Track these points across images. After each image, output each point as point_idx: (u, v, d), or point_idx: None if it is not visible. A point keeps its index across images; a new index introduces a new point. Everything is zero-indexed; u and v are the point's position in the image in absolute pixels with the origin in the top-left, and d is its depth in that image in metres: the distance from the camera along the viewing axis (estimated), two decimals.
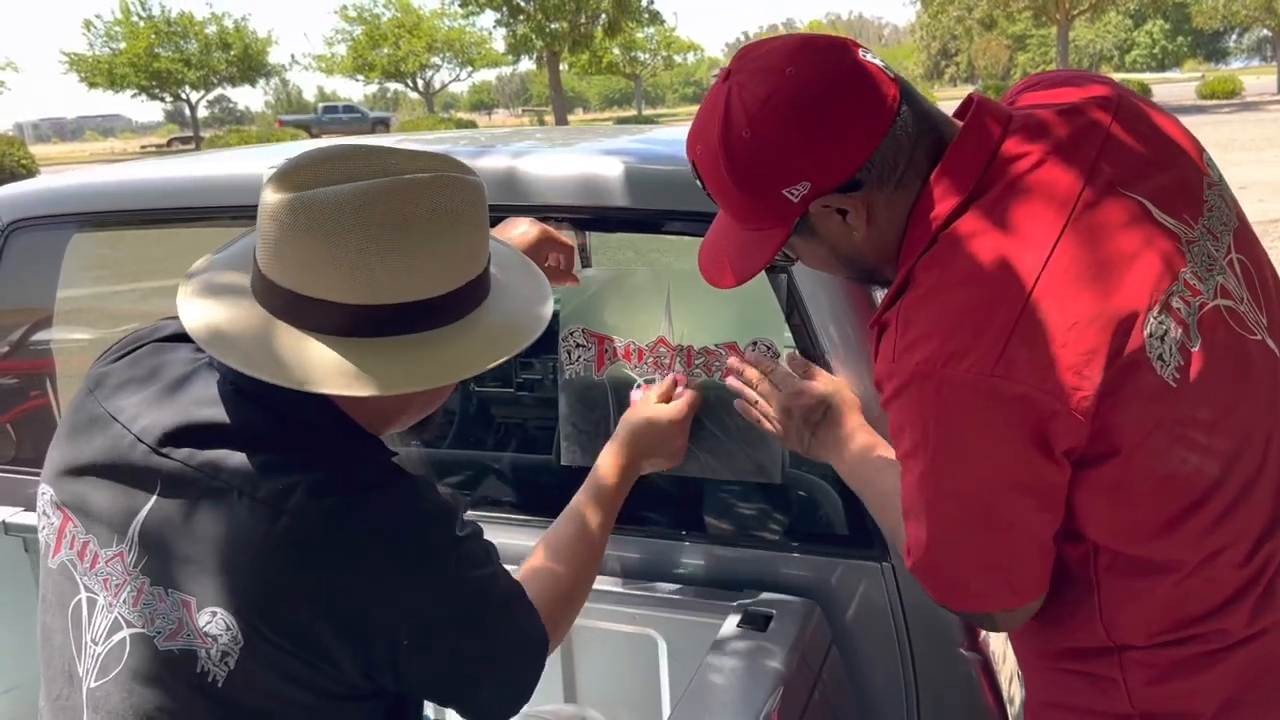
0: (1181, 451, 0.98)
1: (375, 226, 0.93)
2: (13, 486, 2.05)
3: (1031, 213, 0.99)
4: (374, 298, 0.96)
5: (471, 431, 2.39)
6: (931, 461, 1.00)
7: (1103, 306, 0.94)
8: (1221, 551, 1.02)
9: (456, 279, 1.00)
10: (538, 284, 1.17)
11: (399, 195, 0.95)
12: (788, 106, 0.99)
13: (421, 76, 49.56)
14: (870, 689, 1.53)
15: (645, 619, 1.59)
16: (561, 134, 2.26)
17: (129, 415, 1.03)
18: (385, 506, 0.98)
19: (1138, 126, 1.07)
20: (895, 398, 1.00)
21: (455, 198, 0.98)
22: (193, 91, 43.00)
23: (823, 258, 1.14)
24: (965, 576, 1.06)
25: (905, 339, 0.99)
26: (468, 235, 1.01)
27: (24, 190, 2.10)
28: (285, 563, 0.94)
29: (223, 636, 0.94)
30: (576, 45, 36.90)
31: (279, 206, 0.94)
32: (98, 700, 1.00)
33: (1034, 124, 1.05)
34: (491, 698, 1.05)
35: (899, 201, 1.05)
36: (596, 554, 1.30)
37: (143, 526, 0.98)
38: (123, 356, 1.11)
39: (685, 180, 1.53)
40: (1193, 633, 1.03)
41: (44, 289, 2.16)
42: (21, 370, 2.22)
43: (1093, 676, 1.09)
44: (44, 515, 1.09)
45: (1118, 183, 1.01)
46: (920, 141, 1.03)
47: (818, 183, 1.02)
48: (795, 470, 1.60)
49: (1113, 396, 0.94)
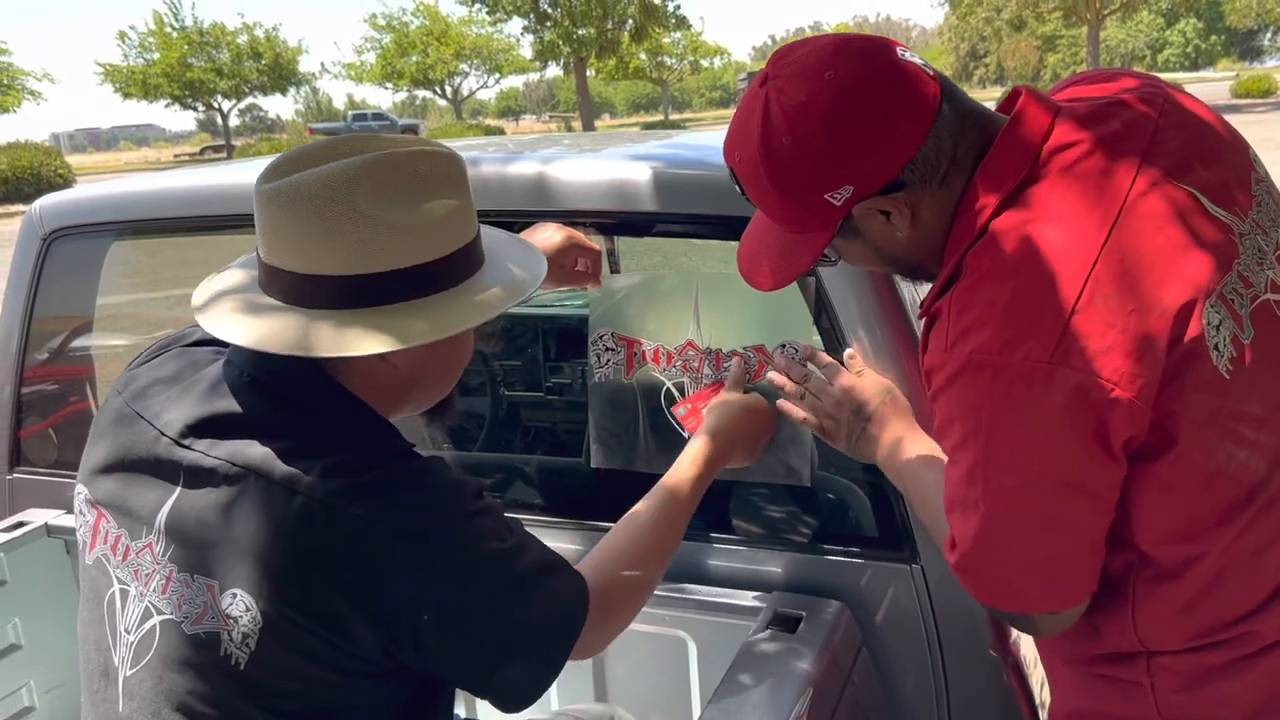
0: (1230, 446, 0.96)
1: (362, 198, 0.98)
2: (54, 489, 2.09)
3: (1085, 200, 0.97)
4: (369, 267, 1.00)
5: (502, 435, 2.41)
6: (983, 454, 0.97)
7: (1161, 293, 0.92)
8: (1263, 551, 1.00)
9: (446, 245, 1.04)
10: (527, 250, 1.20)
11: (381, 168, 1.00)
12: (828, 111, 0.98)
13: (450, 83, 49.86)
14: (900, 691, 1.53)
15: (675, 620, 1.60)
16: (589, 139, 2.27)
17: (154, 412, 1.08)
18: (398, 484, 1.00)
19: (1186, 121, 1.05)
20: (946, 388, 0.98)
21: (434, 166, 1.03)
22: (225, 100, 43.54)
23: (866, 257, 1.13)
24: (1010, 576, 1.03)
25: (958, 327, 0.97)
26: (452, 200, 1.05)
27: (63, 200, 2.14)
28: (301, 543, 0.96)
29: (243, 618, 0.96)
30: (603, 51, 36.94)
31: (270, 194, 1.00)
32: (132, 688, 1.03)
33: (1083, 115, 1.03)
34: (515, 675, 1.05)
35: (943, 199, 1.03)
36: (671, 540, 1.27)
37: (169, 517, 1.02)
38: (150, 359, 1.18)
39: (712, 185, 1.55)
40: (1225, 636, 1.02)
41: (84, 296, 2.20)
42: (63, 376, 2.27)
43: (1120, 682, 1.08)
44: (80, 514, 1.13)
45: (1169, 173, 0.99)
46: (963, 138, 1.02)
47: (861, 186, 1.01)
48: (824, 473, 1.60)
49: (1172, 385, 0.92)
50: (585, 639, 1.09)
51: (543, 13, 35.53)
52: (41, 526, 2.01)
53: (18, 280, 2.12)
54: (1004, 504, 0.98)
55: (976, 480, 0.98)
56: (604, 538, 1.23)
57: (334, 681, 1.00)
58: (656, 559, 1.24)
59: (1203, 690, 1.03)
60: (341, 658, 0.98)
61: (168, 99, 41.48)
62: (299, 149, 1.05)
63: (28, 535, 1.99)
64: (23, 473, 2.15)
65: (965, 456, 0.99)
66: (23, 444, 2.16)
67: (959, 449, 0.99)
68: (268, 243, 1.03)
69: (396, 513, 0.98)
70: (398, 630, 0.98)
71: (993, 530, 0.99)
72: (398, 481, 1.00)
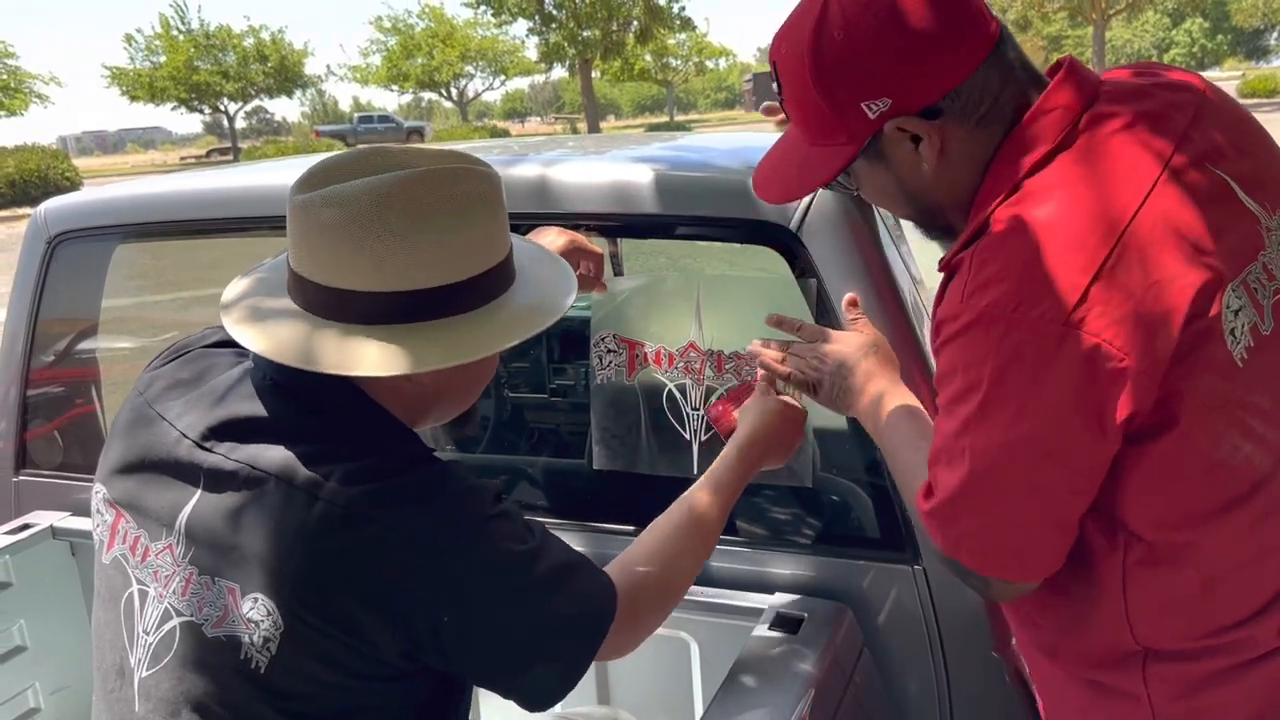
0: (1236, 437, 0.96)
1: (395, 216, 0.98)
2: (60, 492, 2.10)
3: (1120, 169, 0.96)
4: (400, 284, 1.00)
5: (506, 437, 2.41)
6: (978, 409, 0.95)
7: (1185, 269, 0.91)
8: (1264, 552, 1.00)
9: (478, 265, 1.04)
10: (560, 270, 1.20)
11: (417, 186, 0.99)
12: (889, 13, 0.96)
13: (455, 85, 49.97)
14: (903, 692, 1.53)
15: (677, 621, 1.60)
16: (594, 141, 2.28)
17: (175, 414, 1.08)
18: (418, 490, 1.00)
19: (1224, 112, 1.05)
20: (955, 338, 0.96)
21: (471, 186, 1.03)
22: (231, 103, 43.61)
23: (886, 188, 1.10)
24: (977, 533, 1.01)
25: (977, 280, 0.95)
26: (485, 222, 1.04)
27: (69, 203, 2.15)
28: (321, 547, 0.97)
29: (264, 622, 0.97)
30: (609, 53, 36.96)
31: (305, 205, 1.00)
32: (149, 689, 1.03)
33: (1126, 90, 1.03)
34: (539, 676, 1.05)
35: (976, 141, 1.02)
36: (705, 544, 1.25)
37: (189, 519, 1.02)
38: (171, 361, 1.18)
39: (716, 187, 1.55)
40: (1222, 641, 1.01)
41: (89, 299, 2.21)
42: (68, 378, 2.27)
43: (1114, 691, 1.06)
44: (98, 513, 1.14)
45: (1205, 156, 0.99)
46: (1009, 86, 1.01)
47: (900, 100, 0.99)
48: (826, 474, 1.60)
49: (1184, 363, 0.91)
50: (612, 641, 1.08)
51: (548, 14, 35.57)
52: (47, 529, 2.02)
53: (23, 283, 2.13)
54: (988, 461, 0.97)
55: (966, 433, 0.97)
56: (637, 538, 1.22)
57: (352, 685, 1.00)
58: (690, 562, 1.22)
59: (1199, 698, 1.02)
60: (361, 662, 0.98)
61: (174, 102, 41.59)
62: (334, 158, 1.04)
63: (33, 538, 2.00)
64: (28, 475, 2.16)
65: (960, 409, 0.97)
66: (28, 446, 2.17)
67: (955, 401, 0.98)
68: (297, 252, 1.03)
69: (416, 519, 0.98)
70: (418, 633, 0.98)
71: (971, 486, 0.98)
72: (418, 487, 1.00)
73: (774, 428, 1.38)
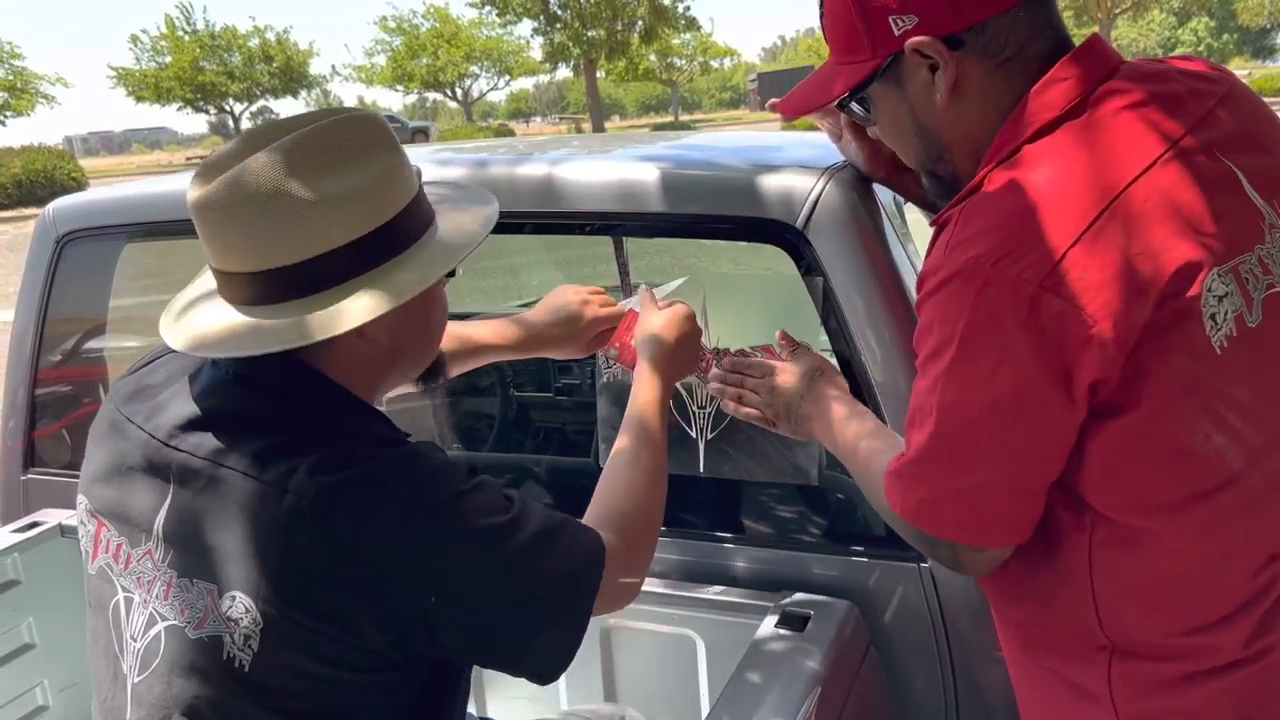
0: (1208, 426, 0.94)
1: (294, 184, 0.98)
2: (68, 490, 2.10)
3: (1123, 142, 0.96)
4: (315, 249, 1.00)
5: (512, 435, 2.42)
6: (949, 366, 0.94)
7: (1170, 245, 0.91)
8: (1232, 556, 0.98)
9: (391, 208, 1.04)
10: (476, 195, 1.21)
11: (302, 147, 1.00)
12: None
13: (460, 86, 49.95)
14: (909, 690, 1.53)
15: (684, 619, 1.61)
16: (599, 140, 2.28)
17: (143, 417, 1.09)
18: (387, 474, 1.00)
19: (1245, 107, 1.04)
20: (936, 292, 0.96)
21: (357, 132, 1.04)
22: (236, 103, 43.69)
23: (899, 119, 1.10)
24: (943, 497, 1.01)
25: (963, 234, 0.95)
26: (386, 161, 1.05)
27: (76, 203, 2.16)
28: (293, 541, 0.97)
29: (244, 620, 0.97)
30: (613, 52, 36.98)
31: (202, 201, 1.00)
32: (140, 694, 1.03)
33: (1147, 71, 1.03)
34: (543, 643, 1.04)
35: (992, 84, 1.02)
36: (658, 469, 1.26)
37: (164, 521, 1.03)
38: (143, 367, 1.19)
39: (720, 186, 1.55)
40: (1185, 644, 0.99)
41: (97, 298, 2.22)
42: (76, 377, 2.28)
43: (1085, 694, 1.05)
44: (82, 524, 1.14)
45: (1215, 145, 0.98)
46: (1036, 40, 1.01)
47: (927, 20, 1.00)
48: (831, 472, 1.60)
49: (1156, 341, 0.90)
50: (610, 588, 1.08)
51: (552, 15, 35.61)
52: (55, 527, 2.03)
53: (32, 283, 2.14)
54: (953, 421, 0.96)
55: (935, 390, 0.96)
56: (597, 489, 1.22)
57: (340, 679, 1.00)
58: (653, 491, 1.24)
59: (1158, 699, 1.01)
60: (346, 653, 0.98)
61: (180, 102, 41.65)
62: (219, 150, 1.05)
63: (41, 535, 2.01)
64: (37, 473, 2.17)
65: (933, 367, 0.97)
66: (37, 445, 2.18)
67: (930, 358, 0.97)
68: (214, 249, 1.03)
69: (387, 503, 0.98)
70: (404, 619, 0.98)
71: (935, 445, 0.98)
72: (386, 471, 1.00)
73: (668, 340, 1.41)
